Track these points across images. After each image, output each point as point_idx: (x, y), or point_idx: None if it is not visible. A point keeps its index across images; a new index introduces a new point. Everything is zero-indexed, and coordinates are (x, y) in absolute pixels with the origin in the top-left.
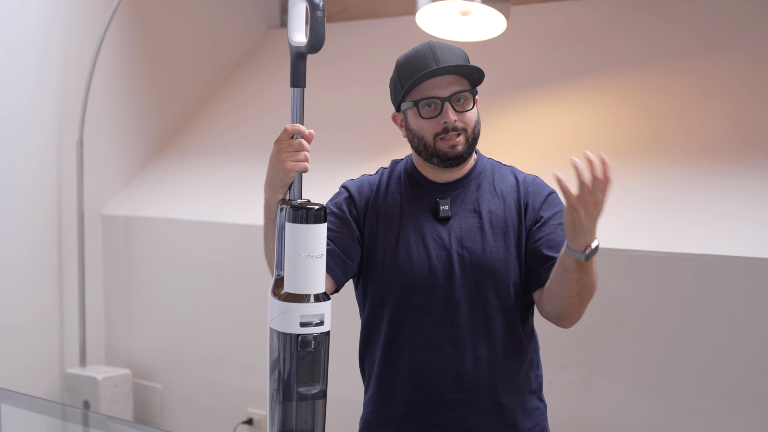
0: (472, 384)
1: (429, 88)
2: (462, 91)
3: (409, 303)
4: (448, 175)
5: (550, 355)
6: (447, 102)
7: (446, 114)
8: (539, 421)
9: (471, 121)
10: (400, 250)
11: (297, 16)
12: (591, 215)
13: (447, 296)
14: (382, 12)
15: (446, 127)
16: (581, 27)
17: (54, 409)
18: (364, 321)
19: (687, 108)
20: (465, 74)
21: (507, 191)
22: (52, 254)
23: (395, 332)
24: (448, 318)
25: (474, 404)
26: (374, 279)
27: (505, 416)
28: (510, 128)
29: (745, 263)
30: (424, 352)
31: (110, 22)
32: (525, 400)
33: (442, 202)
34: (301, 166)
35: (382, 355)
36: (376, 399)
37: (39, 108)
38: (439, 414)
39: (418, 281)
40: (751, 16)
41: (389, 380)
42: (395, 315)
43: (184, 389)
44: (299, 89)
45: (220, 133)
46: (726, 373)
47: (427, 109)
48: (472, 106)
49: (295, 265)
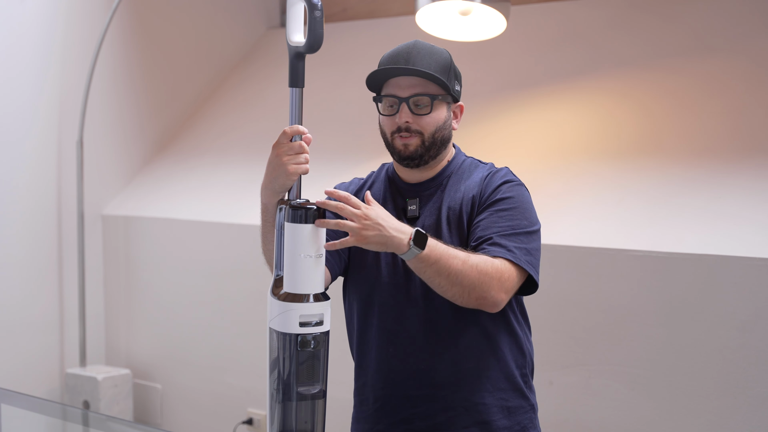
0: (435, 380)
1: (393, 87)
2: (420, 95)
3: (374, 300)
4: (420, 176)
5: (550, 355)
6: (404, 102)
7: (400, 114)
8: (521, 420)
9: (428, 125)
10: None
11: (295, 16)
12: (357, 234)
13: (406, 293)
14: (382, 12)
15: (399, 127)
16: (581, 27)
17: (54, 409)
18: (345, 318)
19: (686, 108)
20: (431, 78)
21: (470, 186)
22: (52, 254)
23: (365, 329)
24: (408, 315)
25: (439, 400)
26: (350, 277)
27: (474, 413)
28: (510, 128)
29: (745, 263)
30: (389, 348)
31: (110, 23)
32: (505, 398)
33: (410, 202)
34: (303, 169)
35: (357, 353)
36: (356, 395)
37: (39, 108)
38: (405, 410)
39: (383, 279)
40: (750, 16)
41: (362, 377)
42: (364, 312)
43: (184, 389)
44: (298, 89)
45: (220, 133)
46: (726, 373)
47: (387, 107)
48: (430, 111)
49: (294, 265)
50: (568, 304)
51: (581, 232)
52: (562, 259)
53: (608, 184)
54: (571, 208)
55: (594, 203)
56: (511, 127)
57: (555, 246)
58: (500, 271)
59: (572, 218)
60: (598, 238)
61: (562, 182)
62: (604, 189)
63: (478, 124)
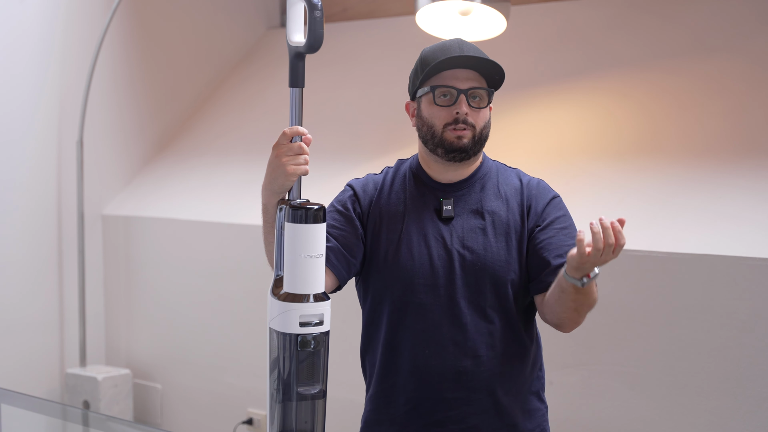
0: (472, 383)
1: (448, 78)
2: (479, 88)
3: (409, 301)
4: (452, 175)
5: (550, 355)
6: (463, 94)
7: (460, 105)
8: (540, 422)
9: (482, 120)
10: (401, 248)
11: (295, 16)
12: (598, 264)
13: (447, 295)
14: (382, 12)
15: (457, 118)
16: (581, 27)
17: (54, 409)
18: (365, 319)
19: (686, 108)
20: (485, 73)
21: (510, 193)
22: (52, 254)
23: (396, 330)
24: (448, 317)
25: (473, 403)
26: (375, 277)
27: (504, 416)
28: (510, 128)
29: (745, 263)
30: (425, 350)
31: (110, 23)
32: (526, 401)
33: (445, 202)
34: (302, 170)
35: (383, 354)
36: (377, 397)
37: (39, 108)
38: (439, 413)
39: (419, 279)
40: (749, 17)
41: (390, 378)
42: (396, 313)
43: (184, 389)
44: (298, 89)
45: (220, 133)
46: (726, 373)
47: (442, 97)
48: (486, 105)
49: (294, 265)
50: None
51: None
52: None
53: (608, 184)
54: (571, 208)
55: (594, 203)
56: (511, 127)
57: None
58: None
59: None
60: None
61: (562, 182)
62: (604, 189)
63: None
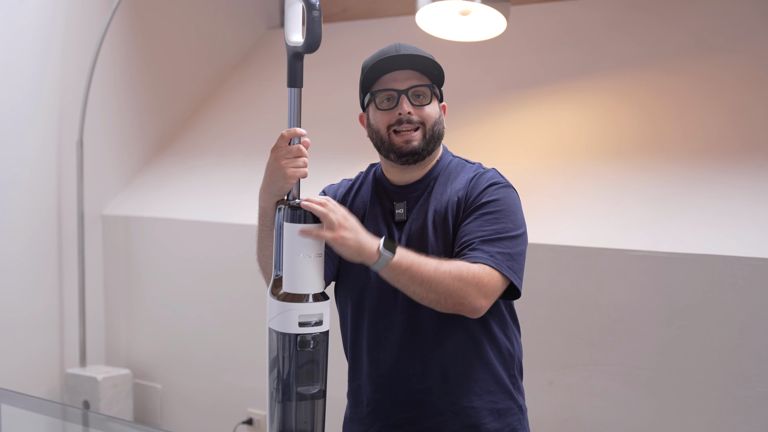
0: (422, 385)
1: (388, 81)
2: (420, 85)
3: (364, 305)
4: (408, 177)
5: (550, 356)
6: (404, 94)
7: (401, 105)
8: (510, 422)
9: (429, 116)
10: None
11: (293, 16)
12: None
13: (394, 298)
14: (382, 12)
15: (400, 119)
16: (581, 27)
17: (54, 409)
18: (339, 321)
19: (687, 108)
20: (425, 71)
21: (456, 189)
22: (52, 254)
23: (356, 334)
24: (397, 320)
25: (427, 405)
26: (340, 282)
27: (463, 417)
28: (510, 128)
29: (745, 263)
30: (378, 354)
31: (110, 23)
32: (494, 400)
33: (397, 206)
34: (302, 173)
35: (350, 357)
36: (351, 396)
37: (39, 108)
38: (395, 415)
39: (372, 284)
40: (750, 16)
41: (356, 380)
42: (355, 317)
43: (184, 389)
44: (296, 89)
45: (220, 133)
46: (726, 373)
47: (385, 101)
48: (430, 101)
49: (293, 265)
50: (568, 304)
51: (581, 232)
52: (562, 259)
53: (608, 184)
54: (571, 208)
55: (594, 203)
56: (511, 127)
57: (555, 246)
58: (478, 277)
59: (572, 218)
60: (598, 238)
61: (562, 182)
62: (604, 189)
63: (478, 124)
